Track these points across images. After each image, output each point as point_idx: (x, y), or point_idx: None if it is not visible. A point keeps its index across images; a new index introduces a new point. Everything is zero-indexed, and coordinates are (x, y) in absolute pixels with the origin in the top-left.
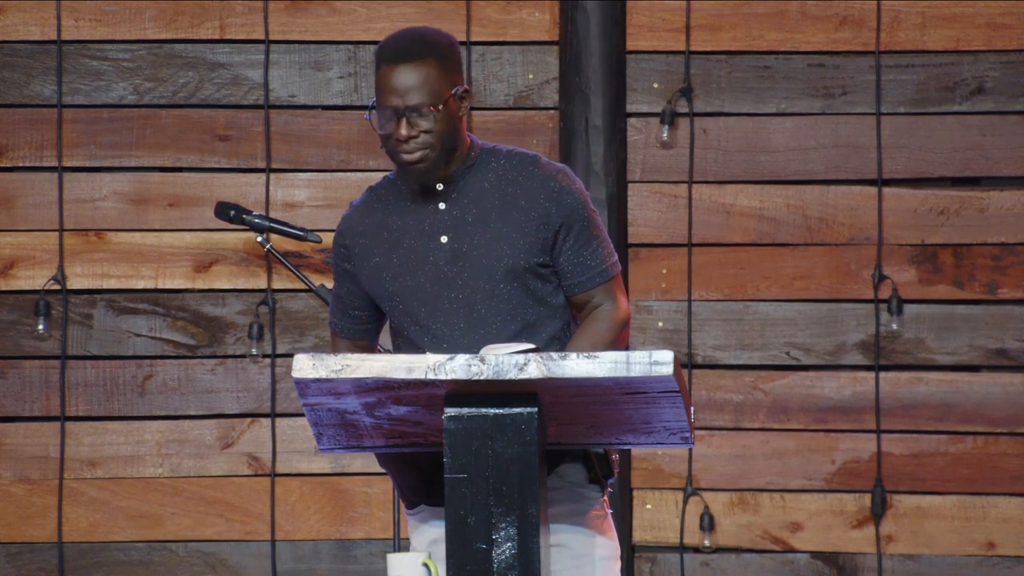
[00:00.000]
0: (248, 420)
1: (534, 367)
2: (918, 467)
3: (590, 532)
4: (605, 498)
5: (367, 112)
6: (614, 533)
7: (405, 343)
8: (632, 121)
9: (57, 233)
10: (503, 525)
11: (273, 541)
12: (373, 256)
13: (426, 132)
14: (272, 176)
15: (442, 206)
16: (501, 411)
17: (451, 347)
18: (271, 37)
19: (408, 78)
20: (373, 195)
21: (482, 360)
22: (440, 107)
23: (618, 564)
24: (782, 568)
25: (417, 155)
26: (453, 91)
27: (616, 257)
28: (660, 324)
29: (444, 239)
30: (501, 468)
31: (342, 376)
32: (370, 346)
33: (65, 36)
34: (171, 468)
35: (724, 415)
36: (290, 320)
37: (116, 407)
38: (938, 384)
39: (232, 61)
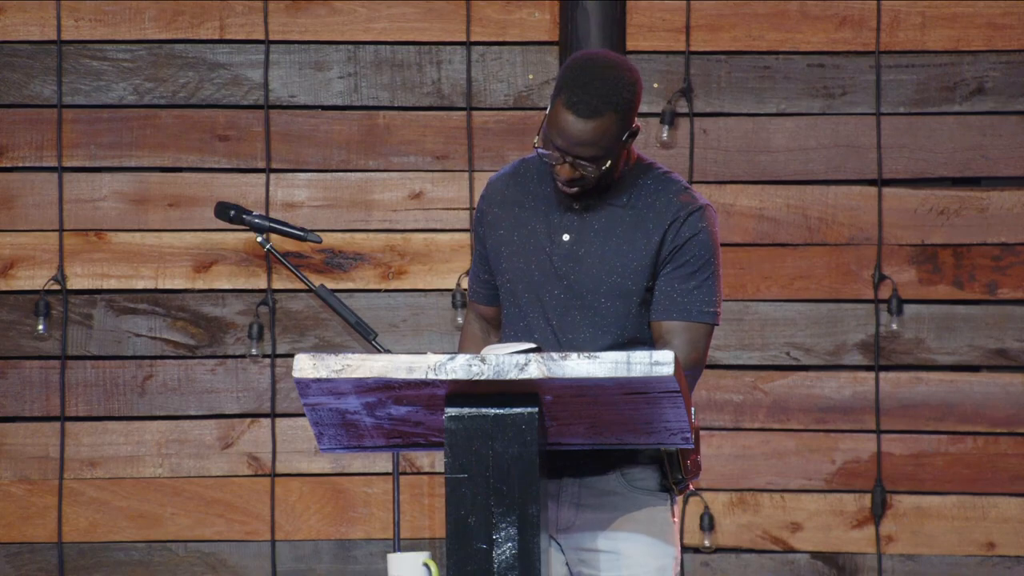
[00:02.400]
0: (248, 420)
1: (534, 367)
2: (918, 467)
3: (650, 540)
4: (674, 505)
5: (549, 105)
6: (676, 539)
7: (506, 319)
8: None
9: (57, 233)
10: (503, 525)
11: (273, 541)
12: (500, 228)
13: (589, 175)
14: (272, 176)
15: (576, 205)
16: (501, 411)
17: (541, 339)
18: (271, 37)
19: (583, 133)
20: (522, 166)
21: (482, 360)
22: (609, 161)
23: (677, 571)
24: (782, 568)
25: (574, 189)
26: (625, 138)
27: (714, 310)
28: None
29: (566, 237)
30: (501, 468)
31: (343, 376)
32: (497, 315)
33: (65, 36)
34: (171, 468)
35: (724, 415)
36: (290, 320)
37: (116, 407)
38: (938, 384)
39: (232, 61)
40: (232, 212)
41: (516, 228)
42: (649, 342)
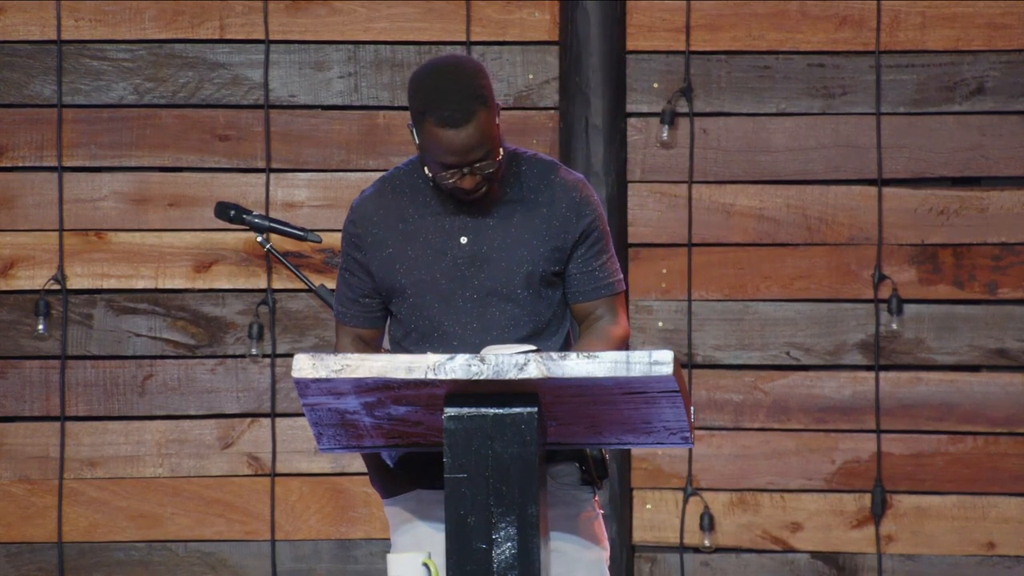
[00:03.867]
0: (248, 420)
1: (534, 367)
2: (918, 467)
3: (582, 535)
4: (596, 498)
5: (409, 128)
6: (604, 533)
7: (414, 336)
8: (632, 121)
9: (57, 233)
10: (503, 525)
11: (273, 541)
12: (386, 247)
13: (490, 172)
14: (272, 176)
15: (464, 207)
16: (501, 411)
17: (461, 345)
18: (271, 37)
19: (468, 139)
20: (387, 185)
21: (482, 360)
22: (499, 150)
23: (607, 564)
24: (782, 568)
25: (480, 191)
26: (498, 120)
27: (622, 276)
28: (660, 324)
29: (464, 240)
30: (501, 468)
31: (342, 376)
32: (376, 337)
33: (65, 36)
34: (171, 468)
35: (724, 415)
36: (290, 320)
37: (116, 407)
38: (938, 384)
39: (232, 61)
40: (232, 212)
41: (407, 242)
42: (557, 320)
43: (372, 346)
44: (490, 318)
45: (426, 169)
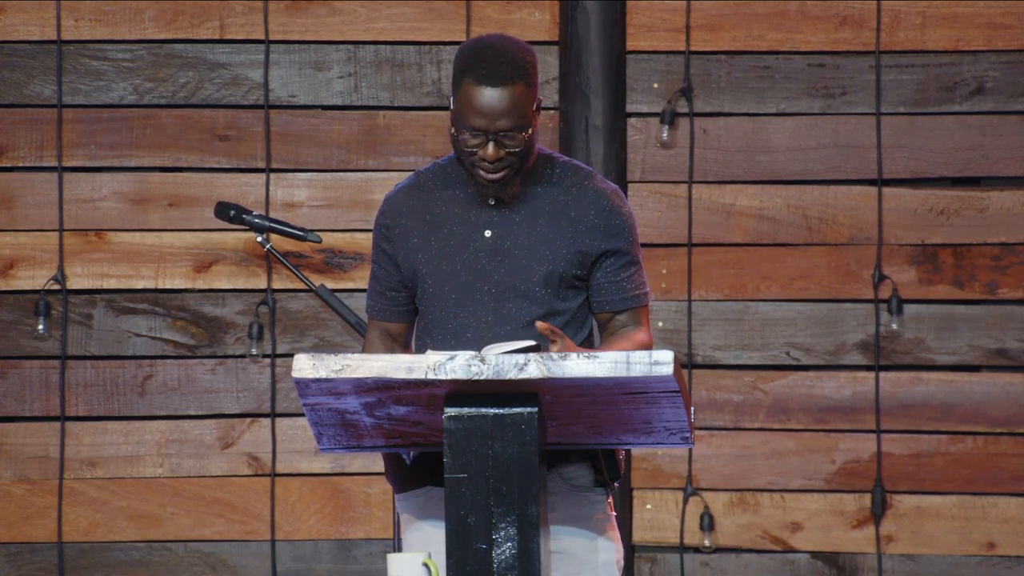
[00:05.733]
0: (248, 420)
1: (534, 367)
2: (918, 467)
3: (593, 537)
4: (610, 500)
5: (449, 110)
6: (617, 534)
7: (430, 325)
8: (632, 121)
9: (57, 233)
10: (503, 525)
11: (273, 541)
12: (412, 237)
13: (512, 152)
14: (272, 176)
15: (491, 201)
16: (501, 411)
17: (475, 337)
18: (271, 37)
19: (500, 102)
20: (420, 178)
21: (482, 360)
22: (529, 129)
23: (620, 565)
24: (782, 568)
25: (500, 175)
26: (535, 108)
27: (649, 289)
28: (660, 324)
29: (488, 233)
30: (501, 468)
31: (342, 376)
32: (405, 331)
33: (65, 36)
34: (171, 468)
35: (724, 415)
36: (290, 320)
37: (116, 407)
38: (938, 384)
39: (232, 61)
40: (232, 212)
41: (432, 233)
42: (576, 324)
43: (399, 342)
44: (506, 313)
45: (454, 130)
